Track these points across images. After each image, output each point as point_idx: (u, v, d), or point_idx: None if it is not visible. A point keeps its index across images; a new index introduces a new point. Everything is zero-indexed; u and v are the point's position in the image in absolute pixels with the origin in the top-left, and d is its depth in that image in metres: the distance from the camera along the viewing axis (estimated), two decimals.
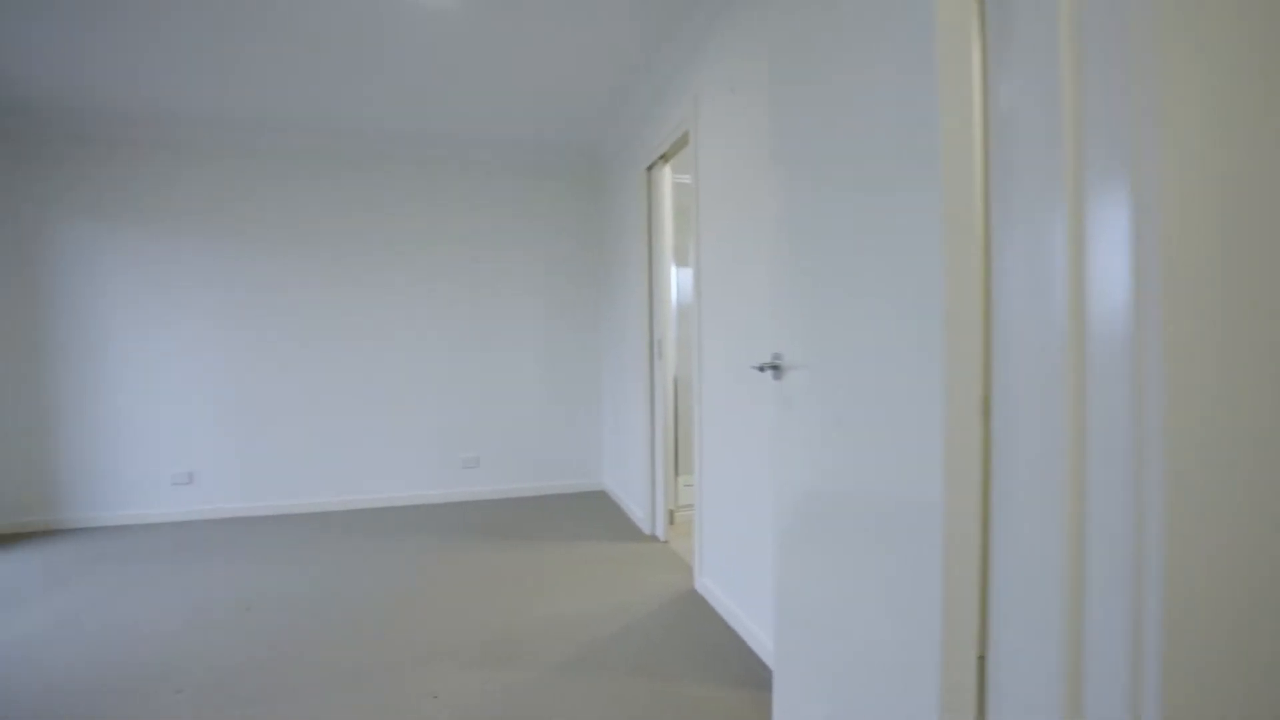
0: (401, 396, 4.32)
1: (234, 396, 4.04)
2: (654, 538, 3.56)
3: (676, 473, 3.77)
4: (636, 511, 3.85)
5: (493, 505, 4.29)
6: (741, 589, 2.41)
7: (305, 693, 2.04)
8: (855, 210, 1.25)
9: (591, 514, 4.07)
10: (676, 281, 3.81)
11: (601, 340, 4.71)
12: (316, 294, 4.16)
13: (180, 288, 3.95)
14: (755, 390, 2.24)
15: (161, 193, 3.91)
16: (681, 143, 3.12)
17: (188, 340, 3.97)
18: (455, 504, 4.33)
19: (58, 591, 2.88)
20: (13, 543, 3.58)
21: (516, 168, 4.48)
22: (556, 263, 4.59)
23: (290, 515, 4.08)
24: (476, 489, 4.46)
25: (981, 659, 1.05)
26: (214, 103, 3.53)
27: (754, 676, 2.10)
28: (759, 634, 2.24)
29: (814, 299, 1.39)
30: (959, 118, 0.98)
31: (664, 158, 3.41)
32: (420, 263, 4.33)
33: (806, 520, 1.45)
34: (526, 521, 3.91)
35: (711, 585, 2.68)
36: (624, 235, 4.07)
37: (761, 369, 1.52)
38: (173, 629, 2.50)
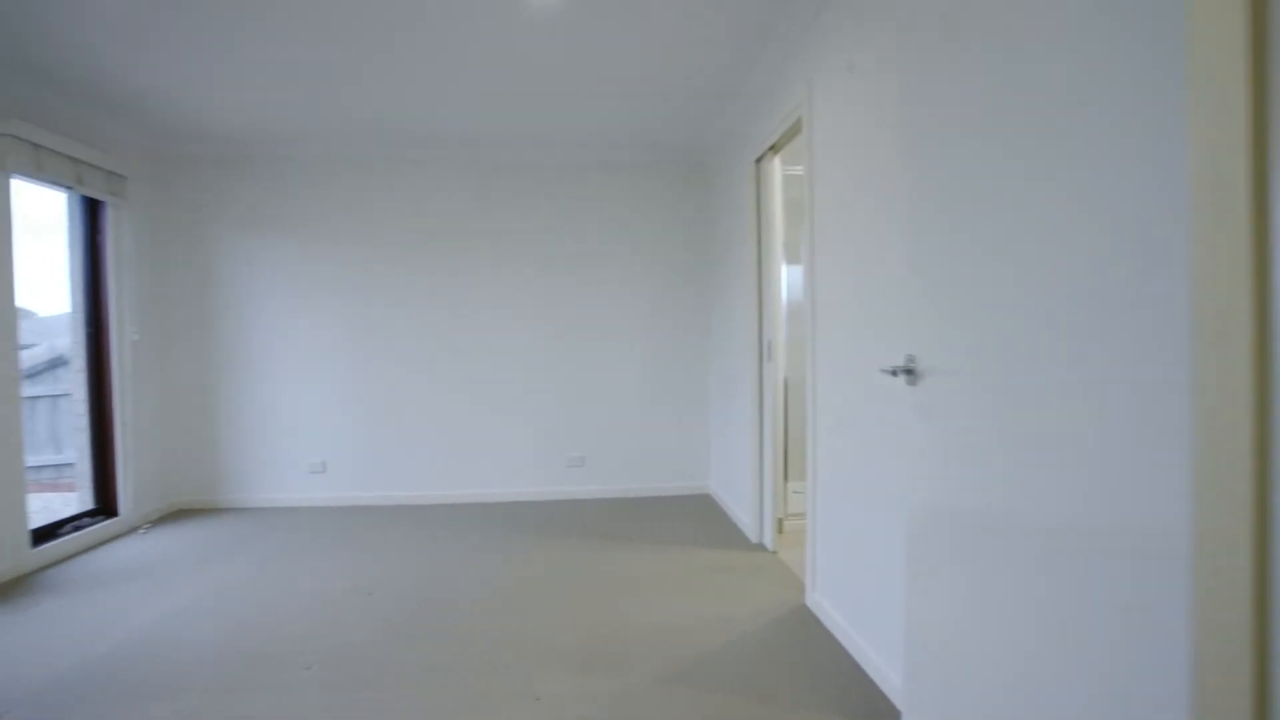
0: (512, 395, 4.44)
1: (361, 394, 4.34)
2: (761, 547, 3.39)
3: (786, 479, 3.57)
4: (743, 518, 3.69)
5: (597, 505, 4.30)
6: (860, 610, 2.21)
7: (418, 681, 2.09)
8: (1029, 176, 1.05)
9: (696, 519, 3.96)
10: (787, 280, 3.61)
11: (708, 340, 4.59)
12: (434, 297, 4.38)
13: (313, 293, 4.30)
14: (878, 395, 2.03)
15: (299, 205, 4.28)
16: (794, 131, 2.94)
17: (320, 340, 4.31)
18: (561, 502, 4.39)
19: (214, 565, 3.20)
20: (184, 519, 4.05)
21: (620, 165, 4.47)
22: (662, 261, 4.54)
23: (409, 506, 4.31)
24: (582, 488, 4.49)
25: None
26: (339, 120, 3.79)
27: (874, 710, 1.90)
28: (880, 664, 2.03)
29: (964, 293, 1.20)
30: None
31: (774, 149, 3.24)
32: (529, 264, 4.43)
33: (950, 544, 1.26)
34: (631, 523, 3.87)
35: (825, 603, 2.49)
36: (732, 232, 3.93)
37: (894, 373, 1.35)
38: (304, 607, 2.68)
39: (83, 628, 2.52)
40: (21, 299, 3.46)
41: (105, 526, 3.63)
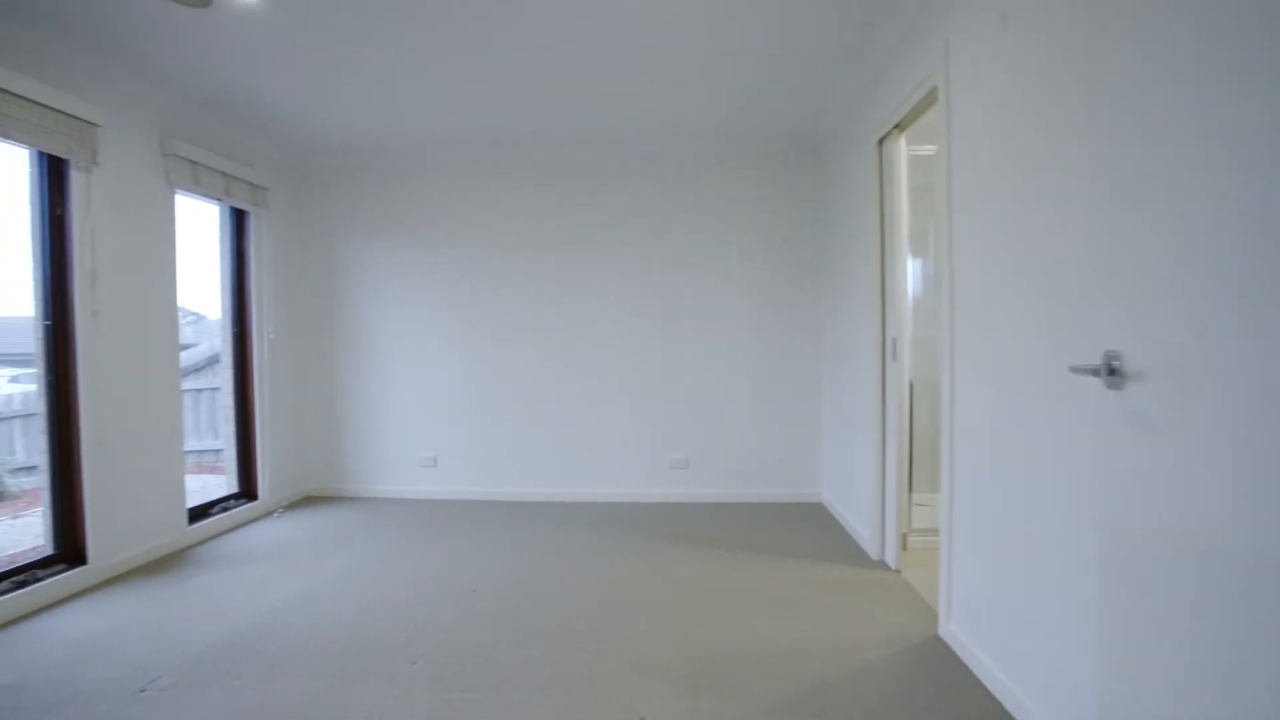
0: (616, 395, 4.38)
1: (470, 391, 4.46)
2: (882, 564, 3.09)
3: (910, 490, 3.24)
4: (860, 531, 3.40)
5: (702, 510, 4.14)
6: (1013, 650, 1.90)
7: (518, 688, 2.04)
8: None
9: (808, 529, 3.70)
10: (913, 273, 3.28)
11: (822, 339, 4.30)
12: (541, 297, 4.41)
13: (426, 294, 4.47)
14: (1049, 397, 1.73)
15: (415, 210, 4.46)
16: (925, 103, 2.63)
17: (432, 339, 4.47)
18: (665, 505, 4.27)
19: (336, 551, 3.37)
20: (312, 505, 4.34)
21: (728, 157, 4.28)
22: (772, 256, 4.30)
23: (513, 503, 4.37)
24: (686, 491, 4.35)
25: None
26: (454, 125, 3.89)
27: None
28: (1041, 718, 1.72)
29: (1207, 279, 0.92)
30: None
31: (899, 127, 2.94)
32: (635, 264, 4.36)
33: (1195, 590, 0.97)
34: (737, 530, 3.68)
35: (964, 636, 2.18)
36: (850, 222, 3.63)
37: (1094, 373, 1.09)
38: (413, 599, 2.74)
39: (225, 603, 2.72)
40: (195, 304, 3.88)
41: (247, 509, 3.96)
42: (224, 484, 4.13)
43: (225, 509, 3.85)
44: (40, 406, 2.90)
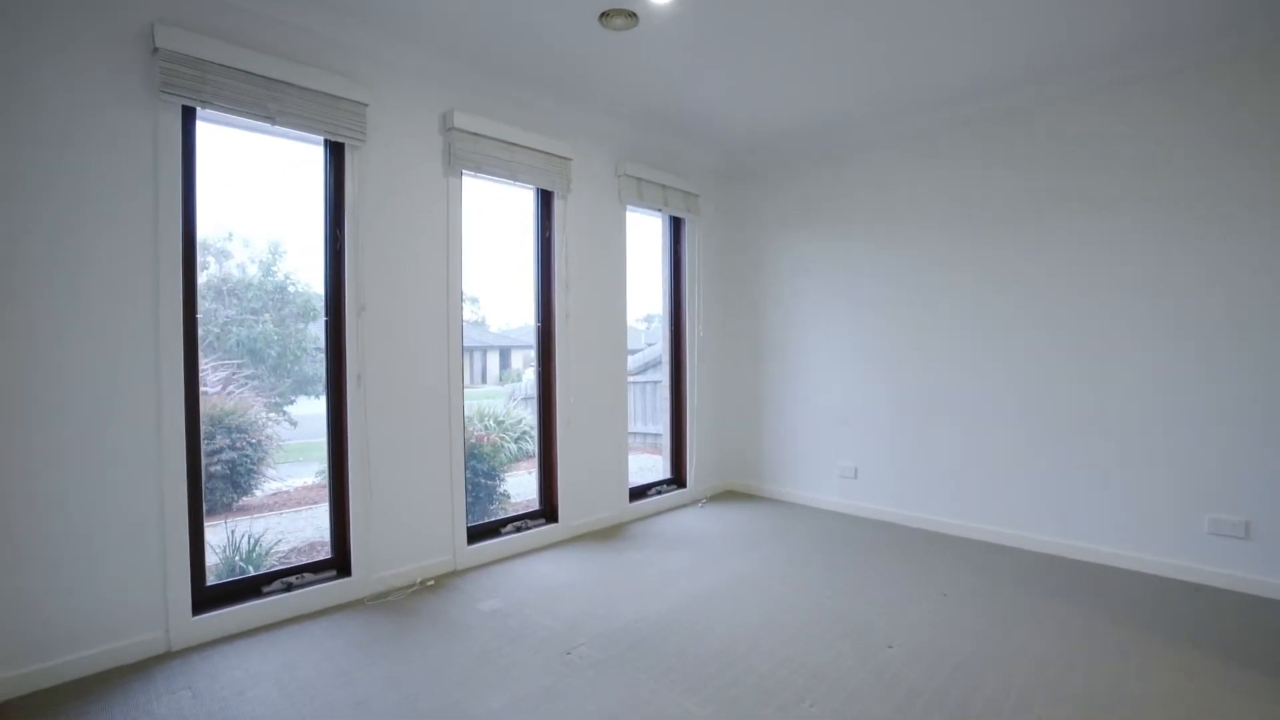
0: (1116, 418, 3.11)
1: (897, 398, 3.83)
2: None
3: None
4: None
5: (1273, 610, 2.56)
6: None
7: None
8: None
9: None
10: None
11: None
12: (988, 287, 3.47)
13: (848, 287, 4.02)
14: None
15: (837, 196, 4.07)
16: None
17: (856, 337, 4.00)
18: (1194, 587, 2.81)
19: (746, 551, 3.27)
20: (731, 500, 4.43)
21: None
22: None
23: (946, 535, 3.55)
24: (1236, 574, 2.78)
25: None
26: (884, 93, 3.33)
27: None
28: None
29: None
30: None
31: None
32: (1118, 227, 3.01)
33: None
34: None
35: None
36: None
37: None
38: (811, 631, 2.36)
39: (644, 585, 2.87)
40: (657, 307, 4.50)
41: (676, 495, 4.28)
42: (661, 466, 4.59)
43: (659, 492, 4.24)
44: (535, 391, 3.65)
